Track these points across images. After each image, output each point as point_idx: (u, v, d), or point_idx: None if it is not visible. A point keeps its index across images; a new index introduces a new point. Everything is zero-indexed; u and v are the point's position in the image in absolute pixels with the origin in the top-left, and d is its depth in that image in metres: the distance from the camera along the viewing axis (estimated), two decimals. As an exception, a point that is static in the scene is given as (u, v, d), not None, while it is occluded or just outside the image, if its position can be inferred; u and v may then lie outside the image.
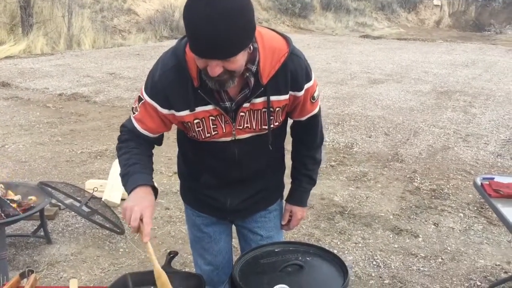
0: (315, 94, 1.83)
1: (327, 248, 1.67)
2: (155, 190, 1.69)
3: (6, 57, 11.48)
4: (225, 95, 1.69)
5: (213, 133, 1.76)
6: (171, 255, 1.76)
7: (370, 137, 6.54)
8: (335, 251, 3.58)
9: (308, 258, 1.61)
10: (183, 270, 3.22)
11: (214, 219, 2.03)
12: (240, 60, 1.53)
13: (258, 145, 1.82)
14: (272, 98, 1.72)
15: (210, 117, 1.72)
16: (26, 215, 3.20)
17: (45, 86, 8.87)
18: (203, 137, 1.77)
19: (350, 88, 9.42)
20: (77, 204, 3.83)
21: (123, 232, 3.77)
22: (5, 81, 9.16)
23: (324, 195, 4.69)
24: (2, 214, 3.16)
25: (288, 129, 2.00)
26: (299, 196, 2.04)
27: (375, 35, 19.84)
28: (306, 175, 2.02)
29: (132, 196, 1.63)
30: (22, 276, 1.76)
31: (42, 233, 3.61)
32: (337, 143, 6.24)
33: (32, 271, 1.78)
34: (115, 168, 4.42)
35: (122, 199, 4.28)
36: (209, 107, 1.70)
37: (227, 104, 1.70)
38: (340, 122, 7.08)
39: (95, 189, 3.89)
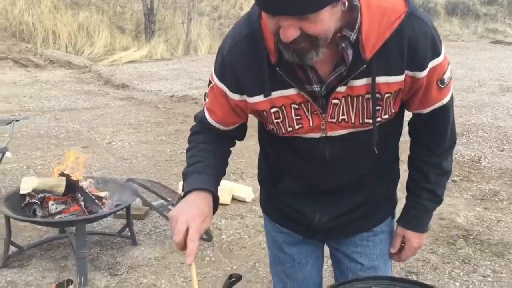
0: (446, 76, 1.30)
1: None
2: (216, 198, 1.29)
3: (129, 62, 12.09)
4: (313, 75, 1.24)
5: (296, 127, 1.31)
6: (232, 280, 1.35)
7: (502, 150, 5.60)
8: (457, 284, 2.92)
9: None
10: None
11: (300, 237, 1.57)
12: (325, 21, 1.08)
13: (359, 146, 1.34)
14: (380, 79, 1.24)
15: (292, 106, 1.28)
16: (108, 213, 3.02)
17: (159, 88, 9.09)
18: (283, 132, 1.34)
19: (478, 96, 8.35)
20: (165, 204, 3.61)
21: (211, 239, 3.47)
22: (124, 83, 9.57)
23: (443, 214, 3.98)
24: (85, 211, 3.00)
25: (406, 126, 1.48)
26: (415, 217, 1.50)
27: (509, 41, 17.86)
28: (427, 190, 1.47)
29: (181, 203, 1.25)
30: (60, 286, 1.46)
31: (129, 234, 3.42)
32: (461, 155, 5.41)
33: (71, 282, 1.48)
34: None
35: (215, 203, 3.99)
36: (291, 92, 1.26)
37: (316, 87, 1.25)
38: (466, 133, 6.19)
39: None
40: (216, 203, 1.32)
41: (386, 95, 1.26)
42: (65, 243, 3.33)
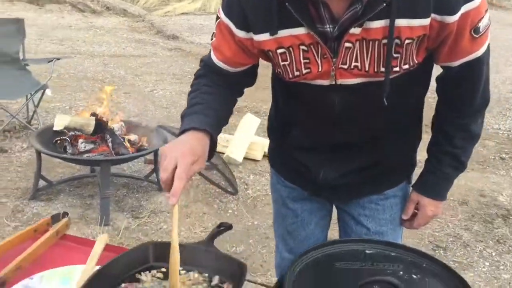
0: (481, 24, 1.13)
1: (454, 269, 1.01)
2: (214, 142, 1.20)
3: (182, 13, 12.02)
4: (326, 12, 1.10)
5: (303, 72, 1.19)
6: (221, 228, 1.27)
7: (562, 131, 5.18)
8: (486, 264, 2.75)
9: (414, 277, 0.98)
10: (228, 252, 2.73)
11: (305, 193, 1.48)
12: None
13: (371, 99, 1.19)
14: (400, 22, 1.08)
15: (301, 47, 1.15)
16: (134, 156, 3.02)
17: (207, 41, 9.00)
18: (290, 76, 1.21)
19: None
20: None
21: (236, 193, 3.43)
22: (175, 34, 9.55)
23: (485, 191, 3.75)
24: (112, 152, 3.02)
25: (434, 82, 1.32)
26: (434, 184, 1.36)
27: None
28: (451, 155, 1.32)
29: (174, 141, 1.17)
30: (54, 218, 1.44)
31: (156, 179, 3.43)
32: (515, 132, 5.05)
33: (66, 214, 1.45)
34: (243, 124, 4.08)
35: (245, 158, 3.94)
36: (300, 31, 1.13)
37: (328, 27, 1.12)
38: (523, 108, 5.77)
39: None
40: (213, 147, 1.23)
41: (407, 41, 1.11)
42: (94, 182, 3.38)
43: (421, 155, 1.40)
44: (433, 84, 1.33)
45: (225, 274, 1.14)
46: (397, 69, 1.15)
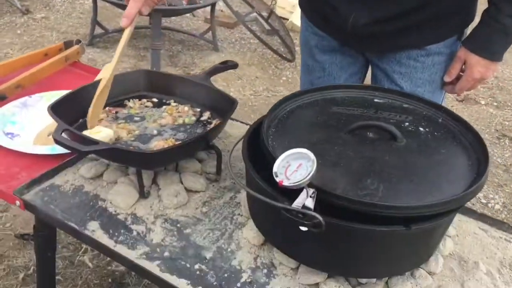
0: None
1: (478, 132, 0.82)
2: None
3: None
4: None
5: None
6: (224, 65, 1.14)
7: None
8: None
9: (421, 129, 0.81)
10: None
11: (336, 43, 1.28)
12: None
13: None
14: None
15: None
16: (185, 8, 2.87)
17: None
18: None
19: None
20: (260, 19, 3.39)
21: (293, 60, 3.24)
22: None
23: None
24: (166, 2, 2.89)
25: None
26: (487, 38, 1.10)
27: None
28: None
29: None
30: (67, 45, 1.37)
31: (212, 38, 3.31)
32: None
33: (79, 42, 1.38)
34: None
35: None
36: None
37: None
38: None
39: (274, 1, 3.32)
40: None
41: None
42: (150, 35, 3.32)
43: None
44: None
45: (216, 111, 1.03)
46: None
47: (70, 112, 0.95)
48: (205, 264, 0.78)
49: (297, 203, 0.65)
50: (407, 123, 0.82)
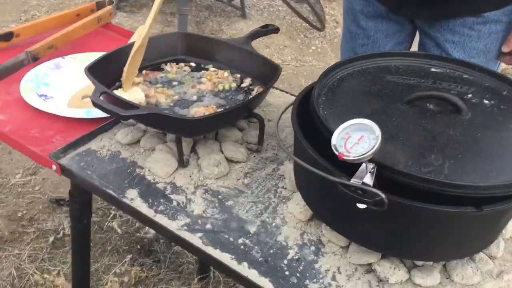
0: None
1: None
2: None
3: None
4: None
5: None
6: (266, 29, 1.07)
7: None
8: None
9: (486, 102, 0.75)
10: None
11: (383, 9, 1.20)
12: None
13: None
14: None
15: None
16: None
17: None
18: None
19: None
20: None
21: (323, 29, 3.14)
22: None
23: None
24: (194, -35, 2.80)
25: None
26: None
27: None
28: None
29: None
30: (100, 5, 1.32)
31: (240, 4, 3.21)
32: None
33: (112, 2, 1.32)
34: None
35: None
36: None
37: None
38: None
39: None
40: None
41: None
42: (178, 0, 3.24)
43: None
44: None
45: (257, 77, 0.97)
46: None
47: (107, 74, 0.91)
48: (249, 239, 0.74)
49: (356, 179, 0.60)
50: (470, 95, 0.76)
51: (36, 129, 0.95)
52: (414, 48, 1.31)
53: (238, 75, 1.00)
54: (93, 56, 1.16)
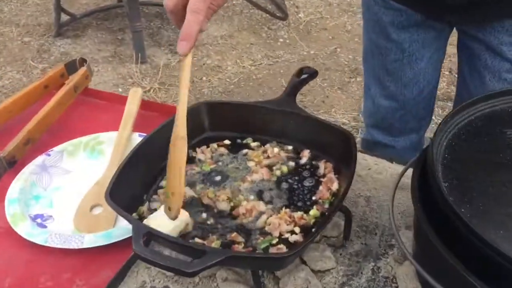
0: None
1: None
2: None
3: None
4: None
5: None
6: (303, 77, 0.84)
7: None
8: None
9: None
10: (321, 115, 2.36)
11: (419, 17, 1.01)
12: None
13: None
14: None
15: None
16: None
17: None
18: None
19: None
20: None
21: (286, 18, 2.92)
22: None
23: None
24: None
25: None
26: None
27: None
28: None
29: None
30: (69, 67, 1.05)
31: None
32: None
33: (84, 62, 1.06)
34: None
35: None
36: None
37: None
38: None
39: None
40: None
41: None
42: (123, 14, 2.93)
43: None
44: None
45: (315, 145, 0.76)
46: None
47: (130, 193, 0.67)
48: None
49: None
50: None
51: (45, 275, 0.71)
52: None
53: (289, 147, 0.78)
54: (82, 144, 0.92)
